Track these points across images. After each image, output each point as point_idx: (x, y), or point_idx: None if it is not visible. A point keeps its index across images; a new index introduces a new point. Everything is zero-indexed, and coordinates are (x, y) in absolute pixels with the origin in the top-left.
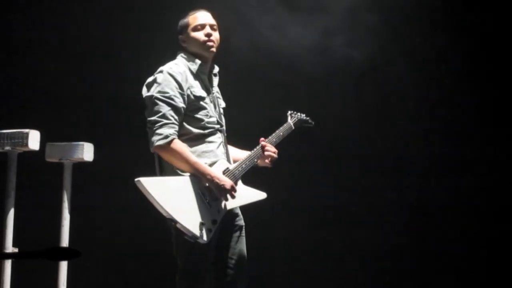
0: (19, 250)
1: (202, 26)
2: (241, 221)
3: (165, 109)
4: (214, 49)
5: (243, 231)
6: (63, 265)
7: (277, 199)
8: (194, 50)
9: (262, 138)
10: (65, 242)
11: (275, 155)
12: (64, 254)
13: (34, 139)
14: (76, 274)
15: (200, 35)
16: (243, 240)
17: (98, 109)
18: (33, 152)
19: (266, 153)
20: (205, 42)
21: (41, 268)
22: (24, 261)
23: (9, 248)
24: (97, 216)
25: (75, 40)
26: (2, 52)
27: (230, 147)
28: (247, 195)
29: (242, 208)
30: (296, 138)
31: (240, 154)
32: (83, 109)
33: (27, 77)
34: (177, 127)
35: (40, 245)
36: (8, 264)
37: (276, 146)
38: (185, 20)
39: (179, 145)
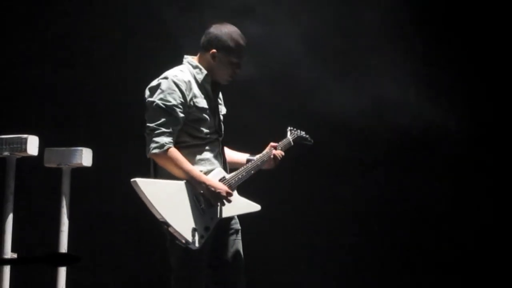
0: (18, 255)
1: (239, 64)
2: (237, 225)
3: (165, 117)
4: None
5: (239, 235)
6: (62, 270)
7: (271, 209)
8: (212, 70)
9: (272, 144)
10: (64, 247)
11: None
12: (63, 259)
13: (32, 144)
14: (75, 279)
15: (231, 70)
16: (240, 243)
17: (96, 115)
18: (31, 157)
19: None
20: (229, 77)
21: (40, 273)
22: (23, 267)
23: (8, 253)
24: (95, 221)
25: (74, 46)
26: (1, 58)
27: (231, 151)
28: (241, 205)
29: (238, 216)
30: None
31: (240, 157)
32: (82, 115)
33: (26, 83)
34: (174, 137)
35: (39, 250)
36: (7, 269)
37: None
38: (231, 44)
39: (174, 154)
